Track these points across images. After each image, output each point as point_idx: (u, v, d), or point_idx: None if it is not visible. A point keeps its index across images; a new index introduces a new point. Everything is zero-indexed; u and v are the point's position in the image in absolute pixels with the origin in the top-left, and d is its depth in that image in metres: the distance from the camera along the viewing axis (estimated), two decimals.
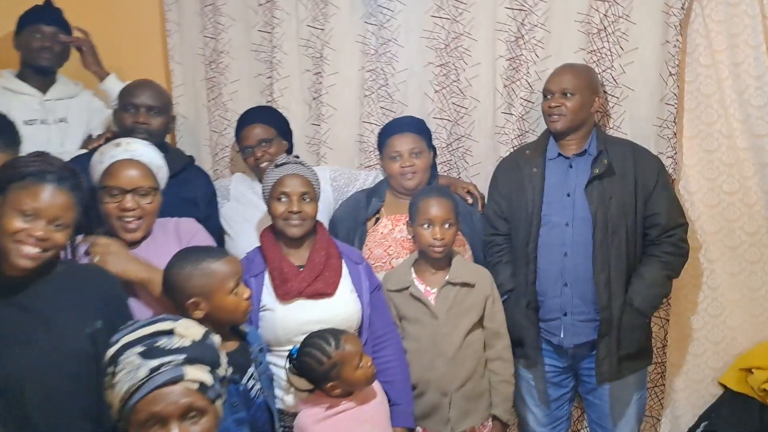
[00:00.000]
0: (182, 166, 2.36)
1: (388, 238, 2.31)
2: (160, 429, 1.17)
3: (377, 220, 2.37)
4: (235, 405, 1.61)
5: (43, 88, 2.48)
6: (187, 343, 1.24)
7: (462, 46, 2.57)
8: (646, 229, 2.25)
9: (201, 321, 1.60)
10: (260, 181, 2.24)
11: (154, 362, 1.19)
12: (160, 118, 2.30)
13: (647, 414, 2.56)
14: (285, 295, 1.93)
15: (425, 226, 2.08)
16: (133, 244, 1.86)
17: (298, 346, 1.82)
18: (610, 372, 2.21)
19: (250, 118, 2.46)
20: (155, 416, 1.17)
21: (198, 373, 1.21)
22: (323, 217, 2.42)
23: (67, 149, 2.42)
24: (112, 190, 1.81)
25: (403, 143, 2.31)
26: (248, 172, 2.53)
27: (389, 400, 1.97)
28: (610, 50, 2.45)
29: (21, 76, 2.46)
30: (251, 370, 1.69)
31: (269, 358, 1.93)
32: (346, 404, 1.82)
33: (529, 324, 2.26)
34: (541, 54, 2.51)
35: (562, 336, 2.25)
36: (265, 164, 2.34)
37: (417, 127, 2.39)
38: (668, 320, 2.56)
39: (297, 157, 2.10)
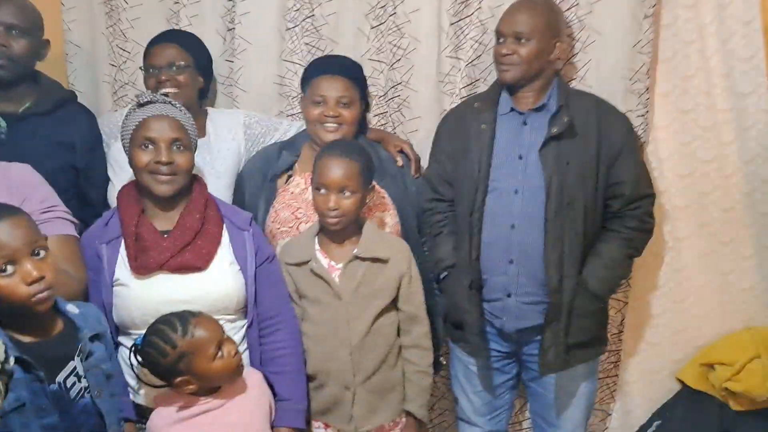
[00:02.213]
0: (57, 102, 1.95)
1: (299, 199, 1.94)
2: None
3: (290, 177, 2.00)
4: (43, 408, 1.27)
5: None
6: None
7: None
8: (607, 200, 1.92)
9: None
10: None
11: None
12: (23, 40, 1.88)
13: (597, 407, 2.28)
14: (141, 268, 1.56)
15: (320, 190, 1.71)
16: None
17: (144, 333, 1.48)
18: (555, 362, 1.91)
19: (166, 36, 2.10)
20: None
21: None
22: (231, 169, 2.07)
23: None
24: None
25: (332, 88, 1.92)
26: None
27: (276, 395, 1.64)
28: None
29: None
30: (72, 363, 1.33)
31: (122, 340, 1.59)
32: (204, 404, 1.49)
33: (471, 306, 1.94)
34: None
35: (504, 319, 1.94)
36: (167, 92, 1.93)
37: (352, 72, 2.01)
38: (627, 303, 2.25)
39: (166, 95, 1.72)
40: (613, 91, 2.07)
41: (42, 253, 1.29)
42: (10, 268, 1.25)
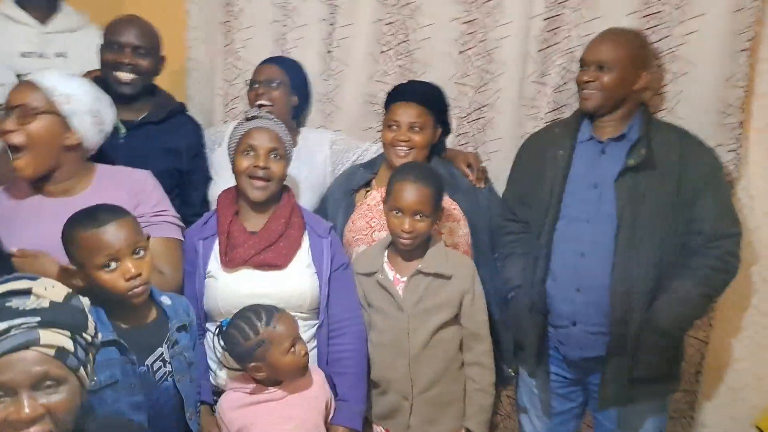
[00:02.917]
0: (169, 113, 2.19)
1: (373, 210, 2.05)
2: (8, 400, 1.04)
3: (368, 192, 2.13)
4: (132, 387, 1.44)
5: (44, 18, 2.38)
6: (45, 304, 1.10)
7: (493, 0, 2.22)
8: (687, 237, 1.86)
9: (89, 291, 1.41)
10: None
11: (2, 325, 1.05)
12: (147, 59, 2.13)
13: None
14: (229, 262, 1.74)
15: (395, 212, 1.80)
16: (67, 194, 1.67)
17: (230, 318, 1.64)
18: (616, 396, 1.88)
19: (271, 58, 2.34)
20: (2, 386, 1.04)
21: (55, 338, 1.08)
22: (317, 180, 2.23)
23: None
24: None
25: (405, 114, 2.03)
26: None
27: (336, 395, 1.75)
28: (669, 15, 2.05)
29: (21, 2, 2.35)
30: (160, 350, 1.49)
31: (209, 327, 1.78)
32: (271, 393, 1.62)
33: (530, 328, 1.96)
34: (586, 14, 2.14)
35: (568, 347, 1.94)
36: (262, 103, 2.18)
37: (426, 97, 2.08)
38: (707, 344, 2.17)
39: (269, 112, 1.91)
40: (704, 124, 2.03)
41: (142, 252, 1.46)
42: (113, 264, 1.41)
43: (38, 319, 1.06)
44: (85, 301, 1.17)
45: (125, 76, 2.08)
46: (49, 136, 1.64)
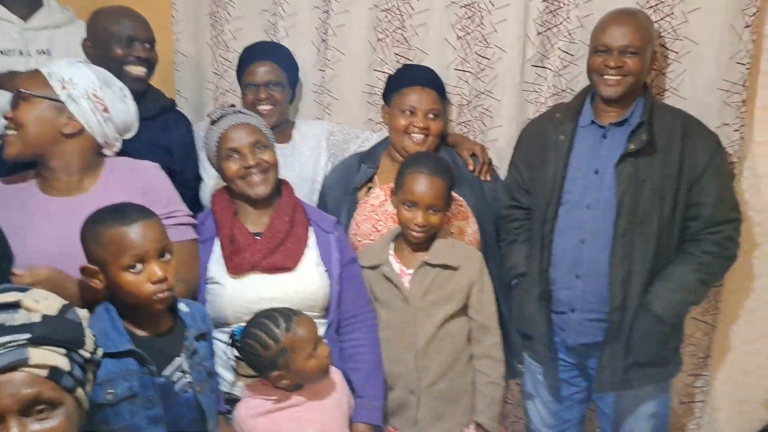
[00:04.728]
0: (160, 109, 2.11)
1: (378, 211, 1.98)
2: None
3: (370, 189, 2.06)
4: (151, 400, 1.35)
5: (27, 15, 2.26)
6: (36, 318, 0.99)
7: None
8: (686, 221, 1.84)
9: (107, 294, 1.36)
10: None
11: None
12: (154, 52, 2.04)
13: None
14: (236, 268, 1.65)
15: (407, 205, 1.75)
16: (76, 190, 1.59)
17: (243, 325, 1.56)
18: (611, 381, 1.87)
19: (263, 52, 2.21)
20: None
21: (47, 356, 0.97)
22: (314, 175, 2.16)
23: None
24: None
25: (423, 100, 1.98)
26: None
27: (354, 391, 1.70)
28: None
29: None
30: (179, 360, 1.40)
31: (216, 335, 1.68)
32: (294, 399, 1.55)
33: (540, 317, 1.93)
34: None
35: (566, 333, 1.92)
36: (265, 108, 2.10)
37: (440, 84, 2.06)
38: (715, 327, 2.14)
39: (233, 106, 1.81)
40: (708, 103, 2.00)
41: (167, 255, 1.38)
42: (139, 266, 1.33)
43: (28, 335, 0.97)
44: (83, 314, 1.07)
45: (139, 70, 1.98)
46: (38, 120, 1.57)
